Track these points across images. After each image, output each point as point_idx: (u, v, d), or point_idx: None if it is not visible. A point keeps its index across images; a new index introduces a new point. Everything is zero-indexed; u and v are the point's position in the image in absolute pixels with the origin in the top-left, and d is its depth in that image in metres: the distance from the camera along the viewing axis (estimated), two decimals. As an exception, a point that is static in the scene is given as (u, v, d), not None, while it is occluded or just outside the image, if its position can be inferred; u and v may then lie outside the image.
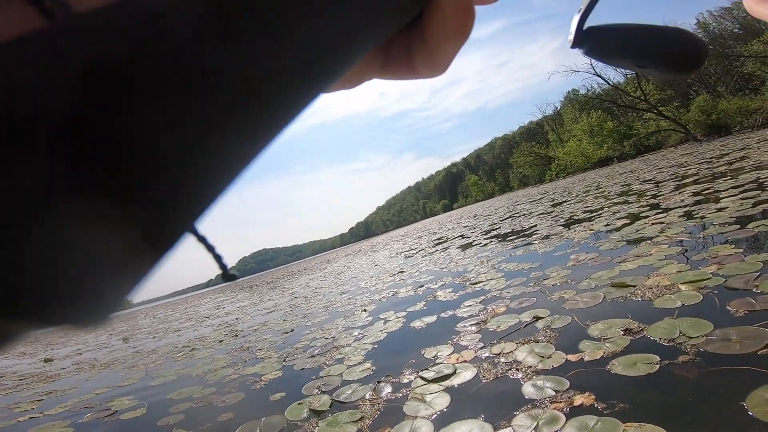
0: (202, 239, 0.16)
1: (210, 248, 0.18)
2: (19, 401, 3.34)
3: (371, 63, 0.20)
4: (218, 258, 0.18)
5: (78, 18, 0.09)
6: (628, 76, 30.51)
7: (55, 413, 2.72)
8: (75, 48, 0.09)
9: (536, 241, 4.55)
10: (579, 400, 1.22)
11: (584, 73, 30.89)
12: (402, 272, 5.60)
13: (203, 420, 1.97)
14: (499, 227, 7.76)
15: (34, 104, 0.08)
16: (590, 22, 0.22)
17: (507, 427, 1.19)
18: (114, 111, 0.09)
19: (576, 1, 0.23)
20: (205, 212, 0.12)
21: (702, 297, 1.70)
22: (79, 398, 3.04)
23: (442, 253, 6.46)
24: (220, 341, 4.26)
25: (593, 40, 0.22)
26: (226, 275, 0.19)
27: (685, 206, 3.81)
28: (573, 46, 0.23)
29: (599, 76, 29.20)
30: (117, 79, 0.09)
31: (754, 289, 1.61)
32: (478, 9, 0.20)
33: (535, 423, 1.17)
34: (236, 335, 4.41)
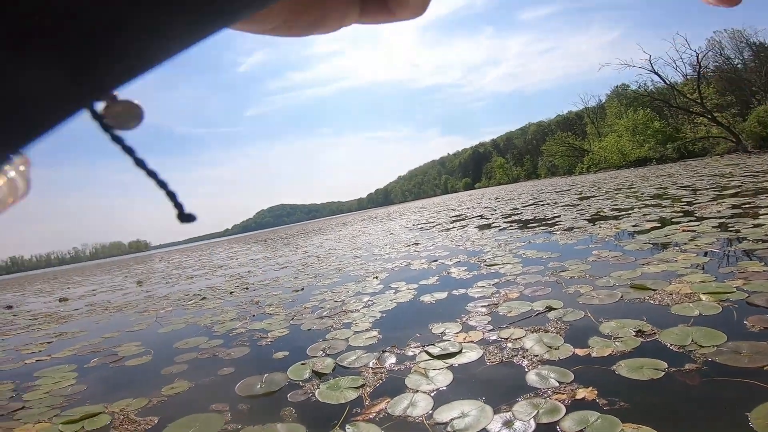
0: (152, 174, 0.16)
1: (162, 184, 0.16)
2: (28, 343, 3.45)
3: (350, 7, 0.20)
4: (172, 195, 0.17)
5: None
6: (689, 77, 28.64)
7: (62, 356, 2.77)
8: None
9: (558, 232, 4.46)
10: (582, 394, 1.22)
11: (640, 68, 29.07)
12: (417, 244, 5.62)
13: (206, 372, 1.99)
14: (521, 213, 7.64)
15: None
16: None
17: (507, 411, 1.20)
18: None
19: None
20: (131, 78, 0.13)
21: (721, 309, 1.65)
22: (88, 341, 3.11)
23: (459, 231, 6.43)
24: (231, 293, 4.39)
25: None
26: (183, 215, 0.17)
27: (720, 217, 3.65)
28: None
29: (656, 73, 27.61)
30: None
31: (779, 310, 1.55)
32: None
33: (536, 411, 1.18)
34: (247, 288, 4.54)
